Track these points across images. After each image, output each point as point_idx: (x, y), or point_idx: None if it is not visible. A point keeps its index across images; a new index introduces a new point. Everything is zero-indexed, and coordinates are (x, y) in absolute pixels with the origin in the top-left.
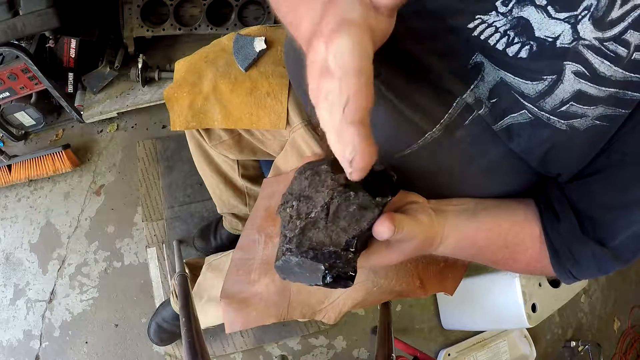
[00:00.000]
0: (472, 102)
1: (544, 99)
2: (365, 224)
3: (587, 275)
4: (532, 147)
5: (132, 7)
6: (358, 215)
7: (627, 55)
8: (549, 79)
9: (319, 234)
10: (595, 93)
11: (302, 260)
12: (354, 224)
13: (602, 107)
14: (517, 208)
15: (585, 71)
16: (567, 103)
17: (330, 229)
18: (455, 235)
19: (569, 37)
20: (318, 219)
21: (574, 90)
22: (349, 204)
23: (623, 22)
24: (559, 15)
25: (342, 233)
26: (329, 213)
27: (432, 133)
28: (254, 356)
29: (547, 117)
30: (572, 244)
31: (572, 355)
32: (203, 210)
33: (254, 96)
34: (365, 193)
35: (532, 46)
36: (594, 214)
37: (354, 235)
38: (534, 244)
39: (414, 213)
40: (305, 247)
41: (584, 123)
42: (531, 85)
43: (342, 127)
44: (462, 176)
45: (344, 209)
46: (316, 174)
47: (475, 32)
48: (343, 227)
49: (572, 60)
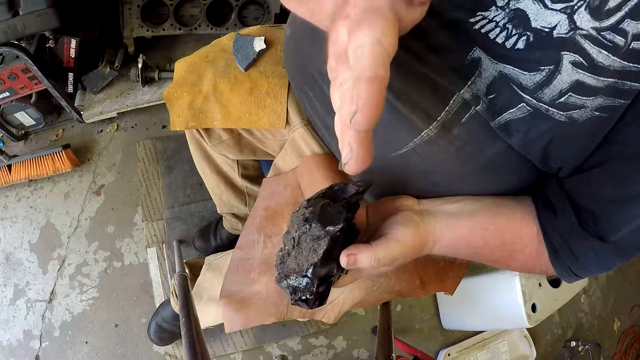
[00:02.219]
0: (470, 98)
1: (542, 89)
2: (321, 252)
3: (587, 273)
4: (532, 140)
5: (132, 7)
6: (315, 245)
7: (625, 44)
8: (546, 69)
9: (292, 262)
10: (594, 83)
11: (279, 285)
12: (312, 253)
13: (601, 97)
14: (514, 206)
15: (582, 61)
16: (565, 94)
17: (298, 259)
18: (450, 235)
19: (566, 27)
20: (290, 250)
21: (572, 80)
22: (306, 235)
23: (620, 11)
24: (555, 5)
25: (305, 261)
26: (294, 245)
27: (429, 131)
28: (254, 356)
29: (546, 108)
30: (570, 241)
31: (572, 355)
32: (203, 210)
33: (254, 96)
34: (317, 224)
35: (529, 37)
36: (595, 208)
37: (312, 263)
38: (532, 242)
39: (395, 229)
40: (283, 274)
41: (584, 114)
42: (529, 76)
43: (345, 128)
44: (459, 174)
45: (304, 240)
46: (298, 210)
47: (476, 27)
48: (305, 257)
49: (569, 50)
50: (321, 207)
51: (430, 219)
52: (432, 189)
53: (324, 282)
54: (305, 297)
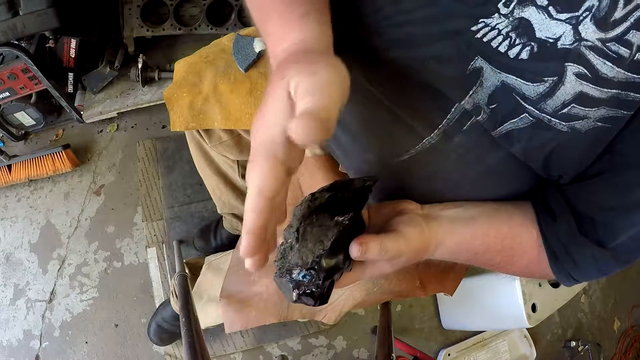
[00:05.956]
0: (471, 108)
1: (545, 100)
2: (328, 242)
3: (586, 277)
4: (533, 149)
5: (132, 7)
6: (322, 236)
7: (630, 55)
8: (550, 80)
9: (294, 256)
10: (597, 95)
11: (280, 281)
12: (318, 244)
13: (604, 108)
14: (514, 211)
15: (587, 72)
16: (568, 105)
17: (301, 252)
18: (451, 240)
19: (570, 38)
20: (293, 244)
21: (575, 91)
22: (312, 226)
23: (625, 22)
24: (560, 16)
25: (310, 254)
26: (298, 237)
27: (430, 139)
28: (254, 356)
29: (549, 119)
30: (570, 246)
31: (572, 355)
32: (203, 210)
33: (254, 96)
34: (325, 214)
35: (533, 47)
36: (595, 215)
37: (319, 255)
38: (532, 247)
39: (402, 227)
40: (284, 268)
41: (586, 125)
42: (532, 86)
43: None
44: (460, 181)
45: (309, 232)
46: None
47: (478, 35)
48: (310, 249)
49: (573, 62)
50: (328, 198)
51: (433, 223)
52: (434, 194)
53: (329, 276)
54: (310, 291)
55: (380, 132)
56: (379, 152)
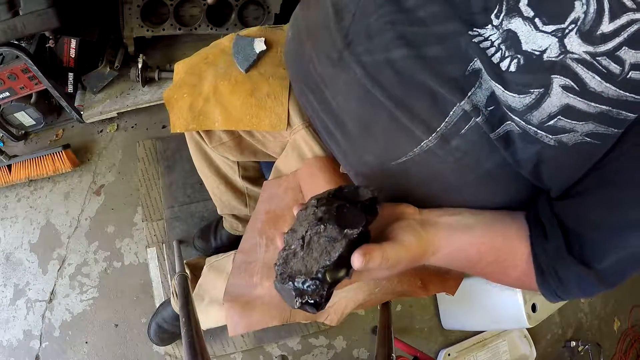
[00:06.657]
0: (470, 109)
1: (530, 112)
2: (336, 254)
3: (570, 296)
4: (521, 160)
5: (132, 7)
6: (329, 247)
7: (622, 73)
8: (536, 92)
9: (298, 263)
10: (585, 108)
11: (281, 286)
12: (324, 254)
13: (592, 123)
14: (510, 223)
15: (574, 85)
16: (554, 117)
17: (305, 260)
18: (448, 247)
19: (556, 50)
20: (297, 250)
21: (561, 104)
22: (319, 236)
23: (618, 38)
24: (546, 28)
25: (315, 263)
26: (304, 245)
27: (428, 141)
28: (254, 356)
29: (535, 131)
30: (557, 264)
31: (572, 355)
32: (203, 210)
33: (255, 97)
34: (335, 226)
35: (520, 60)
36: (583, 232)
37: (324, 266)
38: (523, 261)
39: (400, 235)
40: (286, 274)
41: (572, 138)
42: (518, 98)
43: None
44: (458, 185)
45: (316, 241)
46: (306, 208)
47: (475, 40)
48: (315, 258)
49: (560, 74)
50: (337, 208)
51: (430, 229)
52: (431, 198)
53: (332, 285)
54: (313, 301)
55: (378, 134)
56: (377, 155)
